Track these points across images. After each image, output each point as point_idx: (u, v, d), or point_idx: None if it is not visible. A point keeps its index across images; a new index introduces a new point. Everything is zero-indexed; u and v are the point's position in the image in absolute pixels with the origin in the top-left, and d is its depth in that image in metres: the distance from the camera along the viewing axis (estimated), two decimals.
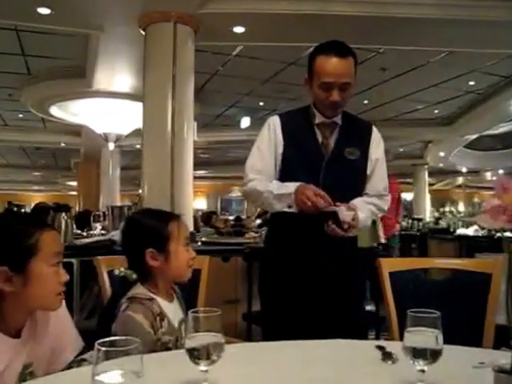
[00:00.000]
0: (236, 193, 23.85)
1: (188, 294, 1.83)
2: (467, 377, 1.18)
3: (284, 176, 2.14)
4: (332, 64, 2.01)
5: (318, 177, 2.07)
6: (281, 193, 2.04)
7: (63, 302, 1.39)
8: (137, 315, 1.48)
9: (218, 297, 2.44)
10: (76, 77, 8.23)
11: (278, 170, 2.16)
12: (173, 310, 1.62)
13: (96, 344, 0.84)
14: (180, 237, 1.65)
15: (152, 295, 1.58)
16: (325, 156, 2.12)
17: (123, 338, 0.90)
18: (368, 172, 2.20)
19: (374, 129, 2.26)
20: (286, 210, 2.03)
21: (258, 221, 10.93)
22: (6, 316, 1.26)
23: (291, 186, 2.01)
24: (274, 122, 2.19)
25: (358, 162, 2.16)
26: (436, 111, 11.11)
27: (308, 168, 2.11)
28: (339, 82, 2.01)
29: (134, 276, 1.62)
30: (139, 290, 1.59)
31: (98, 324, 1.59)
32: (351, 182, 2.15)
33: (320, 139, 2.14)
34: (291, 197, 1.99)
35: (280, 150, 2.15)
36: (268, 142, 2.17)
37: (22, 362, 1.27)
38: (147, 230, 1.65)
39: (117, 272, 1.64)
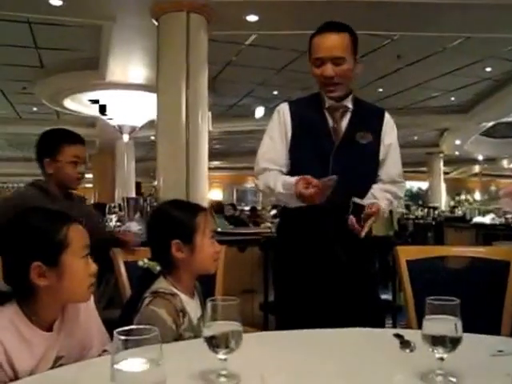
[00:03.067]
0: (251, 183, 23.85)
1: (205, 285, 1.83)
2: (486, 365, 1.18)
3: (294, 163, 2.11)
4: (323, 39, 2.02)
5: (327, 162, 2.03)
6: (288, 193, 1.97)
7: (92, 298, 1.42)
8: (160, 310, 1.48)
9: (234, 287, 2.44)
10: (89, 68, 8.26)
11: (288, 156, 2.13)
12: (193, 307, 1.61)
13: (115, 333, 0.84)
14: (206, 229, 1.64)
15: (175, 290, 1.57)
16: (335, 141, 2.07)
17: (142, 326, 0.90)
18: (381, 157, 2.16)
19: (387, 114, 2.20)
20: (303, 204, 1.95)
21: (273, 211, 10.96)
22: (41, 310, 1.29)
23: (292, 184, 1.93)
24: (284, 108, 2.17)
25: (370, 147, 2.10)
26: (452, 98, 10.98)
27: (318, 153, 2.06)
28: (330, 55, 1.99)
29: (158, 268, 1.61)
30: (162, 285, 1.57)
31: (121, 317, 1.58)
32: (363, 168, 2.10)
33: (330, 123, 2.10)
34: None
35: (290, 135, 2.12)
36: (278, 129, 2.14)
37: (54, 354, 1.30)
38: (174, 220, 1.63)
39: (141, 263, 1.62)
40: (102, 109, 9.58)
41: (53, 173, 2.35)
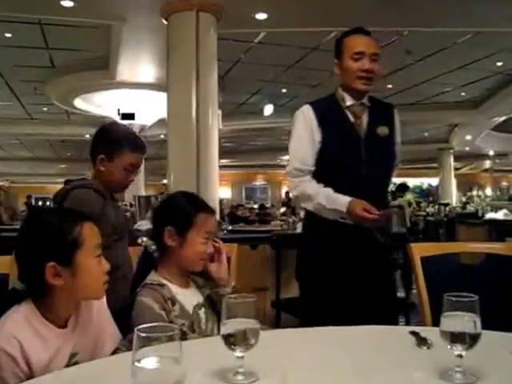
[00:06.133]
0: (260, 181, 23.87)
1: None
2: (506, 362, 1.17)
3: (326, 160, 2.22)
4: (361, 38, 2.21)
5: (359, 156, 2.18)
6: (333, 208, 2.13)
7: (104, 297, 1.44)
8: (146, 298, 1.52)
9: (246, 284, 2.44)
10: (99, 68, 8.32)
11: (316, 154, 2.23)
12: (187, 296, 1.63)
13: (135, 330, 0.85)
14: (202, 229, 1.66)
15: (164, 281, 1.61)
16: (361, 136, 2.22)
17: (162, 324, 0.91)
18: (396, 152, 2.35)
19: (395, 110, 2.39)
20: (340, 220, 2.13)
21: (283, 209, 10.96)
22: (56, 308, 1.32)
23: (342, 202, 2.10)
24: (308, 110, 2.27)
25: (389, 140, 2.28)
26: (463, 94, 10.91)
27: (348, 149, 2.20)
28: (369, 51, 2.16)
29: (154, 247, 1.66)
30: (152, 277, 1.62)
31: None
32: (387, 159, 2.27)
33: (352, 120, 2.24)
34: (344, 212, 2.09)
35: (318, 136, 2.22)
36: (305, 130, 2.25)
37: (68, 351, 1.32)
38: (177, 209, 1.70)
39: (139, 240, 1.69)
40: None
41: (103, 172, 2.15)
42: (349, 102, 2.24)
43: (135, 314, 1.50)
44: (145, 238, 1.68)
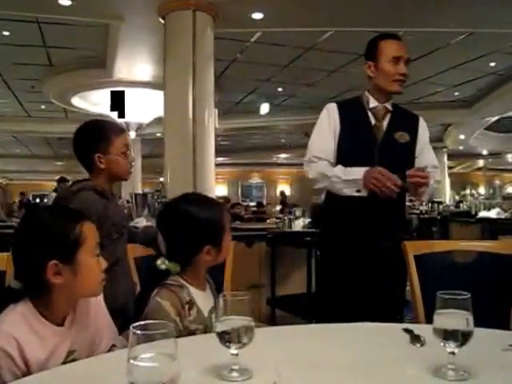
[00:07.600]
0: (256, 179, 23.87)
1: (213, 280, 1.84)
2: (498, 359, 1.18)
3: (340, 157, 2.30)
4: (398, 42, 2.33)
5: (372, 158, 2.22)
6: (349, 179, 2.19)
7: (101, 295, 1.45)
8: (163, 302, 1.48)
9: (242, 282, 2.46)
10: (97, 67, 8.31)
11: (336, 148, 2.33)
12: (204, 299, 1.61)
13: (131, 327, 0.85)
14: (229, 226, 1.65)
15: (183, 282, 1.56)
16: (378, 139, 2.28)
17: (157, 321, 0.91)
18: (416, 154, 2.37)
19: (421, 119, 2.46)
20: (355, 194, 2.19)
21: (279, 207, 10.98)
22: (54, 306, 1.32)
23: (358, 170, 2.17)
24: (333, 107, 2.36)
25: (408, 146, 2.33)
26: (456, 93, 10.92)
27: (363, 148, 2.28)
28: (406, 56, 2.29)
29: (178, 269, 1.57)
30: (171, 277, 1.57)
31: (134, 312, 1.59)
32: (402, 165, 2.25)
33: (373, 122, 2.31)
34: (359, 182, 2.17)
35: (338, 131, 2.32)
36: (327, 124, 2.34)
37: (66, 348, 1.32)
38: (209, 223, 1.58)
39: (159, 262, 1.56)
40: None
41: (105, 168, 2.16)
42: (372, 104, 2.32)
43: (150, 313, 1.46)
44: (167, 262, 1.56)
